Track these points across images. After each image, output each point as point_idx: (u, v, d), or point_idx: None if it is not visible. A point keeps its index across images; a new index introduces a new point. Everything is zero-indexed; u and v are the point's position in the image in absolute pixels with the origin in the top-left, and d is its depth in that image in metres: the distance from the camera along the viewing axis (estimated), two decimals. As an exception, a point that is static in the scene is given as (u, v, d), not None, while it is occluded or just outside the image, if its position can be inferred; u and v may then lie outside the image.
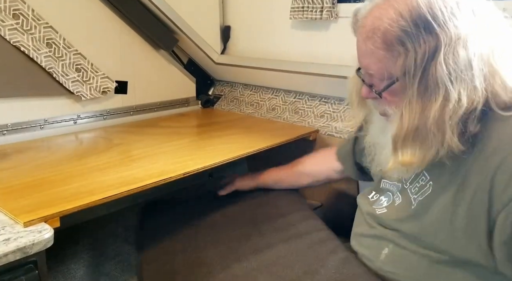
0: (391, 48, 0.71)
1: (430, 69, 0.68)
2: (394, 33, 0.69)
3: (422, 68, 0.69)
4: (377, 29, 0.71)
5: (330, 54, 1.49)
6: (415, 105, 0.71)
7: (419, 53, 0.68)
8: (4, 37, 1.19)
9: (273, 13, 1.61)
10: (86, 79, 1.39)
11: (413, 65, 0.69)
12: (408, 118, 0.71)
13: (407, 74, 0.70)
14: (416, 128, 0.71)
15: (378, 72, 0.75)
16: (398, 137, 0.74)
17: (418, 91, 0.70)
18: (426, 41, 0.68)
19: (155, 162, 1.12)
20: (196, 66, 1.82)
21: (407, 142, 0.73)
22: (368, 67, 0.77)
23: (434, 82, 0.69)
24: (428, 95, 0.70)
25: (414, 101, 0.71)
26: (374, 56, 0.74)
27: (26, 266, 0.75)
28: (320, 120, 1.51)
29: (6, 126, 1.27)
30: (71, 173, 1.04)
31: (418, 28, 0.68)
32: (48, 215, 0.81)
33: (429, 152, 0.72)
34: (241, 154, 1.20)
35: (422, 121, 0.70)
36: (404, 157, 0.74)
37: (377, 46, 0.72)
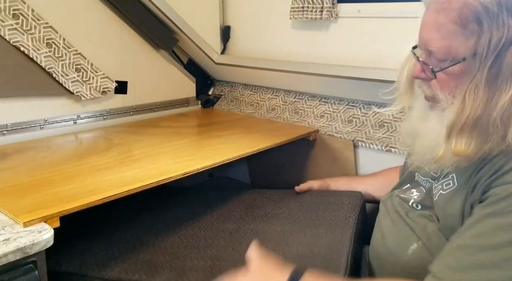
0: (466, 25, 0.64)
1: (506, 56, 0.63)
2: (474, 8, 0.63)
3: (496, 53, 0.63)
4: (447, 7, 0.65)
5: (330, 54, 1.49)
6: (482, 92, 0.65)
7: (495, 36, 0.62)
8: (4, 37, 1.19)
9: (273, 13, 1.61)
10: (86, 79, 1.39)
11: (486, 47, 0.63)
12: (472, 105, 0.65)
13: (478, 56, 0.64)
14: (478, 118, 0.65)
15: (441, 49, 0.68)
16: (456, 124, 0.68)
17: (487, 77, 0.64)
18: (506, 24, 0.62)
19: (155, 162, 1.12)
20: (196, 66, 1.82)
21: (464, 131, 0.67)
22: (430, 43, 0.70)
23: (507, 70, 0.63)
24: (498, 84, 0.64)
25: (481, 87, 0.65)
26: (442, 31, 0.67)
27: (26, 266, 0.75)
28: (320, 120, 1.51)
29: (6, 126, 1.27)
30: (71, 173, 1.04)
31: (500, 8, 0.62)
32: (48, 215, 0.81)
33: (486, 145, 0.67)
34: (241, 154, 1.20)
35: (487, 111, 0.65)
36: (458, 146, 0.68)
37: (450, 19, 0.65)
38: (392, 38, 1.33)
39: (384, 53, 1.35)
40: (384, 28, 1.35)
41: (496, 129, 0.66)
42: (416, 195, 0.88)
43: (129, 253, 1.04)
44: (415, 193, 0.88)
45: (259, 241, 0.82)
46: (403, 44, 1.31)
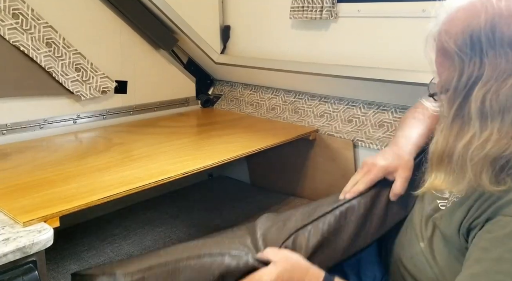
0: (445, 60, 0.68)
1: (471, 97, 0.64)
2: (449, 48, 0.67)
3: (464, 92, 0.65)
4: (441, 35, 0.69)
5: (330, 54, 1.49)
6: (450, 128, 0.67)
7: (465, 74, 0.65)
8: (3, 37, 1.19)
9: (273, 13, 1.60)
10: (86, 79, 1.39)
11: (455, 84, 0.66)
12: (442, 140, 0.68)
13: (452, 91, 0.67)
14: (449, 153, 0.67)
15: (437, 73, 0.72)
16: (432, 156, 0.71)
17: (455, 115, 0.66)
18: (476, 64, 0.64)
19: (155, 162, 1.12)
20: (196, 66, 1.82)
21: (441, 165, 0.69)
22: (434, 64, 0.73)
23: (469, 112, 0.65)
24: (461, 124, 0.66)
25: (450, 123, 0.67)
26: (436, 59, 0.71)
27: (26, 266, 0.75)
28: (320, 119, 1.51)
29: (6, 126, 1.27)
30: (71, 173, 1.04)
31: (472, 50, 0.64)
32: (48, 215, 0.81)
33: (462, 183, 0.67)
34: (241, 154, 1.20)
35: (457, 148, 0.66)
36: (437, 180, 0.71)
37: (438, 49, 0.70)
38: (391, 38, 1.33)
39: (384, 52, 1.35)
40: (384, 28, 1.35)
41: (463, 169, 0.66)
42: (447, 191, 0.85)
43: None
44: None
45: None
46: (402, 43, 1.32)
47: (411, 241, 0.85)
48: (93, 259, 1.16)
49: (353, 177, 0.94)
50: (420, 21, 1.25)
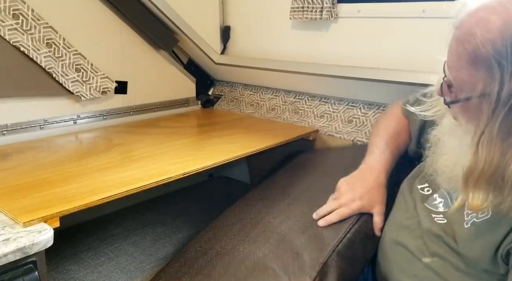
0: (476, 67, 0.61)
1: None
2: (485, 54, 0.59)
3: (509, 106, 0.59)
4: (469, 39, 0.61)
5: (330, 54, 1.49)
6: (494, 145, 0.61)
7: (506, 87, 0.59)
8: (4, 37, 1.19)
9: (273, 13, 1.61)
10: (86, 79, 1.39)
11: (495, 97, 0.60)
12: (485, 158, 0.62)
13: (486, 101, 0.61)
14: (493, 173, 0.62)
15: (456, 81, 0.67)
16: (471, 175, 0.65)
17: (500, 130, 0.61)
18: None
19: (155, 162, 1.12)
20: (196, 66, 1.82)
21: (480, 184, 0.64)
22: (450, 70, 0.67)
23: None
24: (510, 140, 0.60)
25: (493, 140, 0.61)
26: (459, 63, 0.64)
27: (26, 266, 0.75)
28: (320, 120, 1.51)
29: (6, 126, 1.27)
30: (71, 173, 1.03)
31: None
32: (48, 215, 0.81)
33: (504, 203, 0.64)
34: (241, 154, 1.20)
35: (501, 167, 0.61)
36: (475, 200, 0.65)
37: (463, 56, 0.63)
38: (392, 38, 1.33)
39: (384, 53, 1.35)
40: (384, 28, 1.35)
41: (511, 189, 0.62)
42: (440, 203, 0.82)
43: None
44: (439, 200, 0.83)
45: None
46: (403, 44, 1.32)
47: (408, 259, 0.82)
48: (93, 259, 1.16)
49: (330, 204, 0.96)
50: (420, 22, 1.26)
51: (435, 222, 0.80)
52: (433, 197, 0.85)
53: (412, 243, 0.82)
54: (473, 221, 0.74)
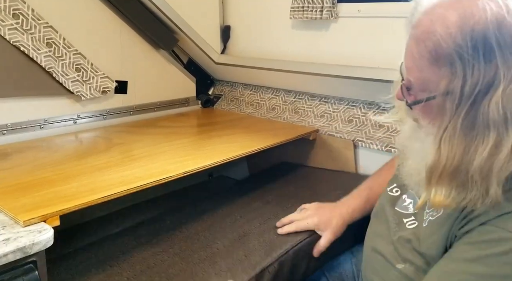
0: (437, 64, 0.60)
1: (482, 105, 0.58)
2: (446, 50, 0.59)
3: (470, 101, 0.58)
4: (429, 36, 0.60)
5: (330, 54, 1.49)
6: (457, 141, 0.60)
7: (469, 82, 0.58)
8: (4, 37, 1.19)
9: (273, 13, 1.61)
10: (86, 79, 1.39)
11: (458, 93, 0.59)
12: (447, 154, 0.61)
13: (450, 98, 0.60)
14: (456, 168, 0.61)
15: (417, 81, 0.65)
16: (434, 171, 0.64)
17: (462, 125, 0.60)
18: (482, 70, 0.57)
19: (155, 161, 1.12)
20: (196, 66, 1.82)
21: (443, 181, 0.63)
22: (409, 72, 0.66)
23: (484, 122, 0.58)
24: (474, 135, 0.59)
25: (456, 135, 0.60)
26: (418, 63, 0.64)
27: (26, 266, 0.75)
28: (320, 120, 1.51)
29: (6, 126, 1.27)
30: (71, 173, 1.04)
31: (476, 52, 0.56)
32: (48, 213, 0.81)
33: (466, 199, 0.63)
34: (241, 154, 1.20)
35: (464, 163, 0.60)
36: (437, 197, 0.65)
37: (423, 55, 0.62)
38: (392, 38, 1.33)
39: (384, 53, 1.35)
40: (384, 28, 1.35)
41: (476, 184, 0.61)
42: (410, 204, 0.82)
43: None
44: (408, 201, 0.83)
45: None
46: (403, 44, 1.32)
47: (384, 267, 0.82)
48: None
49: (292, 214, 1.07)
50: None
51: (406, 228, 0.80)
52: (402, 198, 0.84)
53: (386, 250, 0.82)
54: (429, 220, 0.74)
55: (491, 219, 0.63)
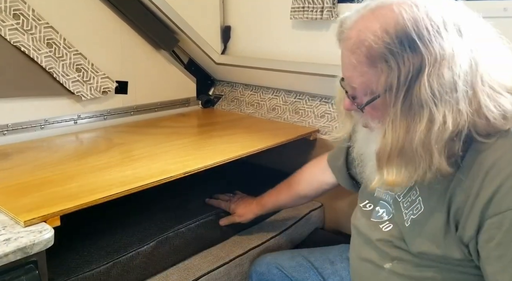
0: (374, 64, 0.69)
1: (414, 89, 0.67)
2: (378, 49, 0.68)
3: (406, 87, 0.68)
4: (361, 43, 0.69)
5: (330, 54, 1.48)
6: (399, 123, 0.69)
7: (403, 71, 0.67)
8: (4, 37, 1.20)
9: (273, 13, 1.61)
10: (87, 79, 1.39)
11: (396, 83, 0.68)
12: (392, 137, 0.70)
13: (389, 91, 0.69)
14: (401, 148, 0.70)
15: (361, 86, 0.73)
16: (382, 154, 0.72)
17: (402, 110, 0.69)
18: (410, 59, 0.66)
19: (155, 161, 1.12)
20: (197, 66, 1.82)
21: (392, 161, 0.71)
22: (351, 80, 0.75)
23: (418, 102, 0.67)
24: (412, 115, 0.68)
25: (397, 119, 0.69)
26: (357, 70, 0.72)
27: (27, 266, 0.75)
28: (321, 120, 1.51)
29: (7, 126, 1.27)
30: (72, 173, 1.04)
31: (402, 46, 0.66)
32: (49, 213, 0.81)
33: (416, 172, 0.70)
34: (241, 154, 1.20)
35: (407, 141, 0.69)
36: (389, 176, 0.72)
37: (360, 60, 0.70)
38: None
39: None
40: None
41: (421, 157, 0.69)
42: (383, 213, 0.87)
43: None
44: (381, 211, 0.87)
45: None
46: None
47: (373, 271, 0.85)
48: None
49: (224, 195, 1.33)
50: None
51: (383, 230, 0.84)
52: (376, 210, 0.89)
53: (372, 255, 0.86)
54: (412, 218, 0.79)
55: None
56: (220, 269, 1.16)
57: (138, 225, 1.16)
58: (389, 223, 0.84)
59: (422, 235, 0.76)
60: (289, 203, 1.24)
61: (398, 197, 0.83)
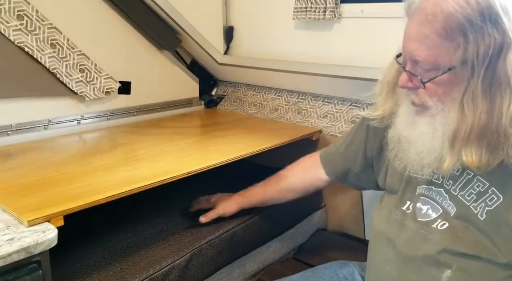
0: (450, 37, 0.65)
1: (498, 65, 0.63)
2: (458, 20, 0.64)
3: (486, 63, 0.64)
4: (439, 12, 0.65)
5: (333, 54, 1.48)
6: (480, 101, 0.65)
7: (482, 46, 0.63)
8: (8, 38, 1.20)
9: (276, 13, 1.61)
10: (90, 80, 1.39)
11: (475, 58, 0.64)
12: (473, 114, 0.65)
13: (468, 66, 0.65)
14: (483, 127, 0.65)
15: (427, 59, 0.68)
16: (459, 134, 0.67)
17: (483, 86, 0.64)
18: (492, 33, 0.63)
19: (158, 161, 1.12)
20: (199, 67, 1.82)
21: (471, 141, 0.67)
22: (416, 53, 0.70)
23: (503, 80, 0.63)
24: (496, 93, 0.64)
25: (478, 97, 0.65)
26: (428, 42, 0.67)
27: (30, 265, 0.75)
28: (323, 120, 1.51)
29: (11, 127, 1.27)
30: (75, 173, 1.04)
31: (484, 20, 0.63)
32: (52, 213, 0.81)
33: (500, 154, 0.67)
34: (244, 154, 1.20)
35: (492, 119, 0.65)
36: (469, 157, 0.68)
37: (435, 30, 0.66)
38: (395, 39, 1.33)
39: (387, 53, 1.35)
40: (388, 28, 1.34)
41: (506, 137, 0.65)
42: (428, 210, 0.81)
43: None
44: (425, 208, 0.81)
45: None
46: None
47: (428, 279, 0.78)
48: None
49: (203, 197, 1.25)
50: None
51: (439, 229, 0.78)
52: (418, 207, 0.82)
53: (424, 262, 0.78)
54: (486, 210, 0.73)
55: None
56: (222, 269, 1.16)
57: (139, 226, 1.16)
58: (441, 220, 0.78)
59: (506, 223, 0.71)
60: (276, 196, 1.17)
61: (454, 191, 0.77)
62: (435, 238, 0.78)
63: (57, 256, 0.87)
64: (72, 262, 1.02)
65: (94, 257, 1.04)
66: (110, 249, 1.08)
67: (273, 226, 1.33)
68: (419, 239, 0.80)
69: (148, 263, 1.01)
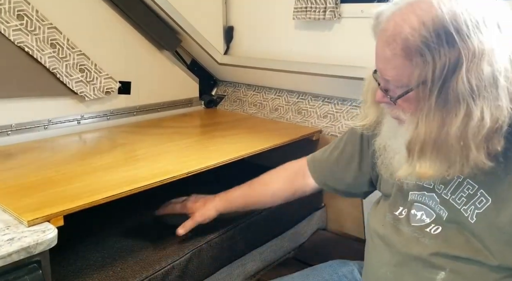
0: (410, 57, 0.68)
1: (451, 83, 0.66)
2: (415, 43, 0.67)
3: (441, 81, 0.67)
4: (398, 35, 0.68)
5: (333, 54, 1.48)
6: (433, 117, 0.68)
7: (438, 65, 0.66)
8: (8, 38, 1.20)
9: (276, 13, 1.61)
10: (90, 80, 1.39)
11: (430, 76, 0.67)
12: (425, 129, 0.69)
13: (423, 85, 0.68)
14: (435, 141, 0.69)
15: (394, 78, 0.72)
16: (413, 146, 0.71)
17: (436, 103, 0.68)
18: (447, 53, 0.66)
19: (158, 161, 1.12)
20: (199, 67, 1.82)
21: (425, 153, 0.70)
22: (385, 73, 0.74)
23: (454, 97, 0.66)
24: (447, 109, 0.67)
25: (431, 113, 0.68)
26: (392, 63, 0.71)
27: (30, 265, 0.75)
28: (323, 120, 1.51)
29: (10, 127, 1.27)
30: (75, 173, 1.04)
31: (440, 40, 0.66)
32: (52, 213, 0.81)
33: (453, 167, 0.70)
34: (244, 154, 1.20)
35: (442, 135, 0.68)
36: (422, 169, 0.71)
37: (396, 52, 0.69)
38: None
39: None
40: (388, 28, 1.35)
41: (457, 152, 0.68)
42: (422, 216, 0.82)
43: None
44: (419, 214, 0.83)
45: None
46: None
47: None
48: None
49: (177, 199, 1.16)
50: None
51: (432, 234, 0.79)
52: (412, 213, 0.84)
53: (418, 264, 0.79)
54: (476, 213, 0.75)
55: None
56: (222, 269, 1.16)
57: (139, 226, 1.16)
58: (435, 225, 0.80)
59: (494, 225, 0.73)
60: (259, 203, 1.12)
61: (446, 195, 0.79)
62: (427, 242, 0.80)
63: (57, 256, 0.87)
64: (72, 262, 1.02)
65: (94, 257, 1.04)
66: (110, 249, 1.07)
67: (273, 226, 1.33)
68: (412, 242, 0.81)
69: (148, 263, 1.01)
